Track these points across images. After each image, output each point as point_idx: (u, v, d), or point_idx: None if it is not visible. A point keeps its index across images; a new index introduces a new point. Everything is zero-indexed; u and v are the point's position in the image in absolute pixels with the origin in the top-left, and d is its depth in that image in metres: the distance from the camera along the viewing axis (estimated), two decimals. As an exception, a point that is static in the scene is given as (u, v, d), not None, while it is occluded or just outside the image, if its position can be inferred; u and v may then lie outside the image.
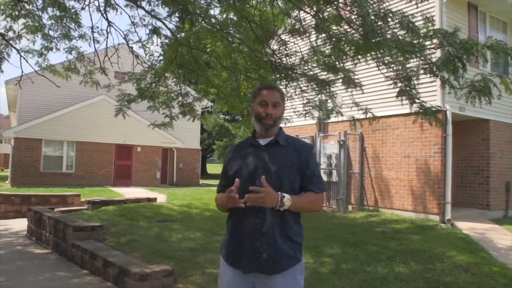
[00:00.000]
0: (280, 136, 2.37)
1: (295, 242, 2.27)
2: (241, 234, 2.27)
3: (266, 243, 2.20)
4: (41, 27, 8.85)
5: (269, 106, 2.33)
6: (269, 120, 2.32)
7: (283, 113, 2.44)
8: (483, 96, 5.52)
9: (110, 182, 21.24)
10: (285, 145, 2.35)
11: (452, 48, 4.97)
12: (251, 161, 2.32)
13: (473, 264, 6.07)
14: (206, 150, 39.66)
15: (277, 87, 2.52)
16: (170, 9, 6.88)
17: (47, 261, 6.62)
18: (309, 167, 2.32)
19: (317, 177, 2.35)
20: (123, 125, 19.37)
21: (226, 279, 2.33)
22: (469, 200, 11.22)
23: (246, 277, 2.25)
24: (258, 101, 2.36)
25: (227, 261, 2.32)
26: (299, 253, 2.28)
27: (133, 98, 9.27)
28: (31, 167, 19.78)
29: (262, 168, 2.27)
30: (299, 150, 2.34)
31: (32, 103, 20.61)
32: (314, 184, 2.32)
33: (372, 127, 11.08)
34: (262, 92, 2.38)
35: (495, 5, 11.12)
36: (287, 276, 2.22)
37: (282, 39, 7.94)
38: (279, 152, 2.32)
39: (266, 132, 2.35)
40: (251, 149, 2.38)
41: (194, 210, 11.21)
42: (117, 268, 5.15)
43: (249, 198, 2.11)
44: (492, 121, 10.92)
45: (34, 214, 8.37)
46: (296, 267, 2.25)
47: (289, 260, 2.22)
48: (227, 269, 2.32)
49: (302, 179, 2.31)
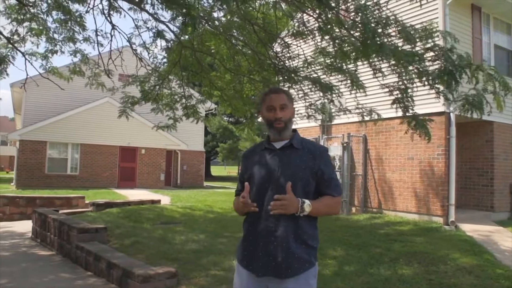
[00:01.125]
0: (294, 139, 2.37)
1: (309, 246, 2.27)
2: (255, 237, 2.28)
3: (279, 246, 2.20)
4: (45, 30, 8.92)
5: (277, 110, 2.34)
6: (279, 123, 2.33)
7: (294, 114, 2.45)
8: (475, 110, 5.67)
9: (114, 184, 21.31)
10: (300, 148, 2.35)
11: (447, 64, 5.07)
12: (265, 164, 2.34)
13: (477, 267, 6.05)
14: (210, 152, 39.72)
15: (283, 89, 2.53)
16: (173, 13, 6.92)
17: (51, 263, 6.65)
18: (326, 171, 2.32)
19: (335, 180, 2.35)
20: (128, 127, 19.48)
21: (240, 281, 2.35)
22: (473, 202, 11.19)
23: (260, 280, 2.25)
24: (266, 106, 2.38)
25: (242, 263, 2.34)
26: (313, 257, 2.28)
27: (137, 100, 9.32)
28: (36, 169, 19.87)
29: (276, 172, 2.28)
30: (314, 153, 2.34)
31: (37, 106, 20.73)
32: (332, 188, 2.33)
33: (376, 129, 11.07)
34: (268, 97, 2.39)
35: (498, 7, 11.09)
36: (300, 280, 2.21)
37: (285, 42, 7.96)
38: (294, 155, 2.32)
39: (279, 136, 2.35)
40: (265, 152, 2.38)
41: (197, 212, 11.24)
42: (120, 270, 5.18)
43: (274, 206, 2.13)
44: (496, 123, 10.89)
45: (39, 216, 8.42)
46: (310, 271, 2.25)
47: (302, 264, 2.22)
48: (242, 272, 2.34)
49: (319, 183, 2.32)
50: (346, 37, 5.72)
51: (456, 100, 5.85)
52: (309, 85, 8.44)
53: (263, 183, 2.29)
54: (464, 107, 5.73)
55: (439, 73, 5.32)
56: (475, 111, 5.74)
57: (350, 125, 11.90)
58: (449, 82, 5.14)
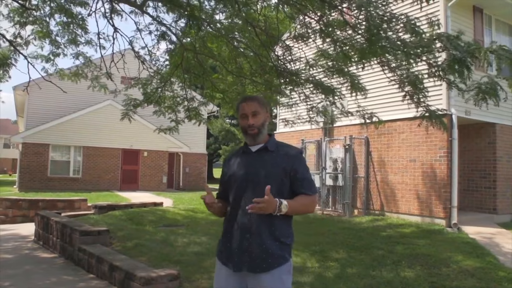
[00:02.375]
0: (269, 143, 2.52)
1: (283, 243, 2.38)
2: (232, 234, 2.43)
3: (254, 242, 2.34)
4: (48, 33, 8.96)
5: (249, 117, 2.48)
6: (251, 130, 2.48)
7: (267, 119, 2.56)
8: (490, 98, 5.51)
9: (116, 186, 21.33)
10: (274, 150, 2.49)
11: (456, 51, 4.98)
12: (243, 166, 2.50)
13: (480, 269, 6.03)
14: (213, 155, 39.70)
15: (255, 96, 2.67)
16: (176, 15, 6.95)
17: (54, 265, 6.66)
18: (298, 171, 2.44)
19: (308, 180, 2.47)
20: (130, 130, 19.54)
21: (219, 277, 2.49)
22: (475, 204, 11.16)
23: (238, 275, 2.38)
24: (240, 115, 2.54)
25: (220, 260, 2.49)
26: (287, 253, 2.40)
27: (139, 103, 9.34)
28: (39, 172, 19.91)
29: (252, 173, 2.44)
30: (288, 155, 2.48)
31: (39, 109, 20.80)
32: (306, 187, 2.44)
33: (378, 131, 11.06)
34: (241, 106, 2.54)
35: (500, 8, 11.08)
36: (274, 275, 2.33)
37: (286, 45, 7.97)
38: (268, 157, 2.47)
39: (254, 141, 2.51)
40: (243, 155, 2.56)
41: (200, 214, 11.24)
42: (123, 272, 5.18)
43: (252, 208, 2.24)
44: (499, 124, 10.87)
45: (42, 218, 8.44)
46: (283, 267, 2.36)
47: (276, 259, 2.34)
48: (221, 268, 2.48)
49: (293, 182, 2.44)
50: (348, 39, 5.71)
51: (469, 90, 5.75)
52: (311, 88, 8.45)
53: (241, 183, 2.44)
54: (478, 96, 5.61)
55: (450, 63, 5.24)
56: (490, 98, 5.60)
57: (352, 127, 11.89)
58: (460, 70, 5.07)
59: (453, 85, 5.95)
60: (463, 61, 4.88)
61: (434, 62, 5.72)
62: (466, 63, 4.91)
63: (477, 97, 5.70)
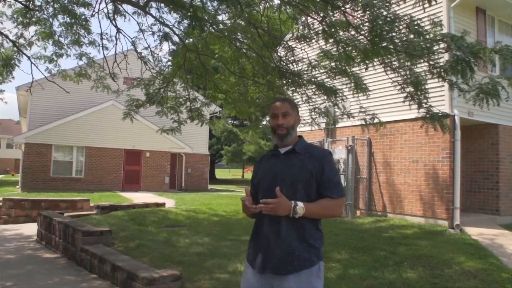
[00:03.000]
0: (297, 145, 2.52)
1: (311, 245, 2.36)
2: (260, 236, 2.44)
3: (281, 245, 2.33)
4: (51, 34, 8.99)
5: (279, 117, 2.49)
6: (281, 130, 2.49)
7: (298, 121, 2.57)
8: (491, 98, 5.50)
9: (119, 187, 21.37)
10: (302, 152, 2.48)
11: (460, 52, 4.97)
12: (271, 169, 2.51)
13: (482, 270, 6.02)
14: (215, 156, 39.73)
15: (287, 98, 2.72)
16: (179, 16, 6.95)
17: (56, 265, 6.68)
18: (324, 173, 2.41)
19: (334, 183, 2.42)
20: (132, 130, 19.56)
21: (246, 278, 2.50)
22: (478, 206, 11.14)
23: (263, 277, 2.38)
24: (270, 115, 2.55)
25: (248, 260, 2.51)
26: (315, 256, 2.36)
27: (141, 103, 9.35)
28: (41, 172, 19.96)
29: (279, 175, 2.44)
30: (315, 157, 2.45)
31: (42, 109, 20.84)
32: (331, 190, 2.40)
33: (380, 132, 11.06)
34: (272, 106, 2.56)
35: (503, 9, 11.07)
36: (301, 278, 2.31)
37: (289, 45, 7.98)
38: (295, 159, 2.46)
39: (281, 142, 2.52)
40: (272, 158, 2.57)
41: (201, 215, 11.25)
42: (125, 273, 5.19)
43: (261, 208, 2.29)
44: (502, 125, 10.85)
45: (44, 218, 8.46)
46: (312, 270, 2.33)
47: (303, 262, 2.32)
48: (248, 269, 2.50)
49: (319, 184, 2.41)
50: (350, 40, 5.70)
51: (470, 90, 5.74)
52: (313, 89, 8.45)
53: (269, 186, 2.42)
54: (478, 96, 5.60)
55: (453, 63, 5.23)
56: (490, 99, 5.59)
57: (355, 128, 11.88)
58: (463, 70, 5.05)
59: (455, 86, 5.94)
60: (467, 61, 4.87)
61: (436, 63, 5.71)
62: (469, 64, 4.89)
63: (478, 98, 5.70)
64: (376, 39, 4.64)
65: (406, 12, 6.26)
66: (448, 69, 5.51)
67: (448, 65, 5.45)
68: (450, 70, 5.38)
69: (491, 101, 5.59)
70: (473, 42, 5.30)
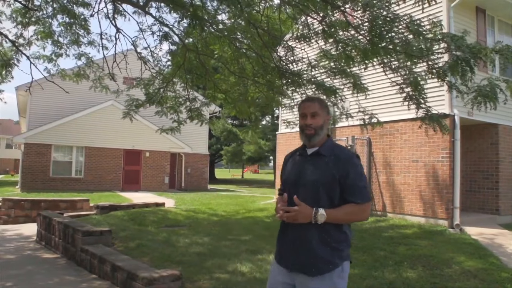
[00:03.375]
0: (323, 146, 2.50)
1: (334, 248, 2.36)
2: (285, 236, 2.49)
3: (304, 247, 2.37)
4: (50, 34, 8.97)
5: (308, 117, 2.49)
6: (309, 130, 2.48)
7: (327, 121, 2.56)
8: (489, 101, 5.49)
9: (118, 187, 21.36)
10: (327, 155, 2.45)
11: (460, 52, 4.96)
12: (296, 169, 2.53)
13: (482, 270, 6.02)
14: (215, 155, 39.71)
15: (317, 98, 2.65)
16: (179, 16, 6.95)
17: (56, 266, 6.67)
18: (349, 177, 2.37)
19: (358, 187, 2.37)
20: (132, 130, 19.57)
21: (273, 274, 2.56)
22: (478, 205, 11.14)
23: (290, 274, 2.44)
24: (300, 114, 2.56)
25: (275, 258, 2.57)
26: (338, 259, 2.37)
27: (141, 103, 9.35)
28: (41, 172, 19.95)
29: (302, 178, 2.45)
30: (339, 159, 2.41)
31: (41, 109, 20.83)
32: (355, 195, 2.36)
33: (380, 132, 11.06)
34: (302, 105, 2.57)
35: (503, 9, 11.07)
36: (325, 279, 2.34)
37: (289, 45, 7.97)
38: (320, 162, 2.44)
39: (309, 142, 2.50)
40: (299, 157, 2.58)
41: (201, 215, 11.25)
42: (125, 273, 5.18)
43: (282, 216, 2.33)
44: (501, 125, 10.86)
45: (44, 219, 8.45)
46: (335, 272, 2.35)
47: (326, 264, 2.34)
48: (275, 265, 2.55)
49: (343, 189, 2.37)
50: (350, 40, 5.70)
51: (469, 92, 5.73)
52: (313, 89, 8.44)
53: (292, 187, 2.45)
54: (476, 99, 5.59)
55: (453, 63, 5.21)
56: (488, 102, 5.58)
57: (355, 128, 11.87)
58: (464, 71, 5.04)
59: (453, 87, 5.93)
60: (467, 61, 4.86)
61: (435, 64, 5.71)
62: (470, 64, 4.88)
63: (475, 100, 5.69)
64: (375, 39, 4.63)
65: (405, 12, 6.27)
66: (447, 70, 5.49)
67: (447, 65, 5.44)
68: (450, 71, 5.37)
69: (488, 104, 5.58)
70: (473, 42, 5.30)
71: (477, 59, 4.97)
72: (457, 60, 4.99)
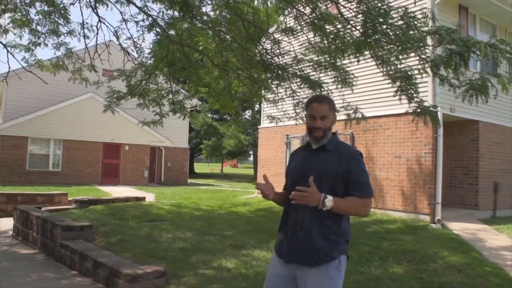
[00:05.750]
0: (329, 142, 2.55)
1: (331, 241, 2.43)
2: (285, 227, 2.56)
3: (304, 238, 2.44)
4: (28, 22, 8.65)
5: (317, 119, 2.52)
6: (317, 132, 2.53)
7: (334, 121, 2.59)
8: (480, 95, 5.54)
9: (97, 181, 20.99)
10: (332, 150, 2.52)
11: (454, 45, 4.97)
12: (301, 162, 2.61)
13: (466, 265, 6.07)
14: (194, 149, 39.45)
15: (326, 98, 2.64)
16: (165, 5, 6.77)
17: (34, 262, 6.46)
18: (352, 173, 2.45)
19: (361, 183, 2.46)
20: (111, 123, 19.22)
21: (272, 266, 2.62)
22: (458, 201, 11.29)
23: (288, 266, 2.51)
24: (308, 114, 2.58)
25: (275, 249, 2.64)
26: (335, 251, 2.43)
27: (122, 95, 9.12)
28: (17, 166, 19.44)
29: (307, 169, 2.50)
30: (343, 156, 2.49)
31: (18, 100, 20.20)
32: (358, 190, 2.44)
33: (363, 127, 11.08)
34: (311, 106, 2.57)
35: (485, 8, 11.21)
36: (321, 271, 2.40)
37: (275, 38, 7.87)
38: (324, 156, 2.52)
39: (316, 143, 2.56)
40: (304, 152, 2.66)
41: (183, 209, 11.11)
42: (108, 269, 5.04)
43: (295, 196, 2.31)
44: (482, 122, 11.01)
45: (21, 213, 8.19)
46: (331, 264, 2.41)
47: (323, 256, 2.40)
48: (275, 257, 2.62)
49: (346, 184, 2.46)
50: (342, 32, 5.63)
51: (461, 86, 5.76)
52: (298, 83, 8.37)
53: (297, 179, 2.51)
54: (468, 92, 5.63)
55: (446, 56, 5.21)
56: (480, 96, 5.63)
57: (338, 123, 11.84)
58: (457, 64, 5.06)
59: (445, 81, 5.94)
60: (461, 55, 4.86)
61: (427, 57, 5.71)
62: (464, 57, 4.90)
63: (467, 94, 5.72)
64: (369, 31, 4.58)
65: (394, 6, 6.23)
66: (439, 63, 5.50)
67: (441, 59, 5.44)
68: (443, 64, 5.37)
69: (480, 98, 5.62)
70: (466, 36, 5.31)
71: (471, 53, 4.98)
72: (451, 53, 5.00)
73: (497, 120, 11.45)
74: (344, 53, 5.88)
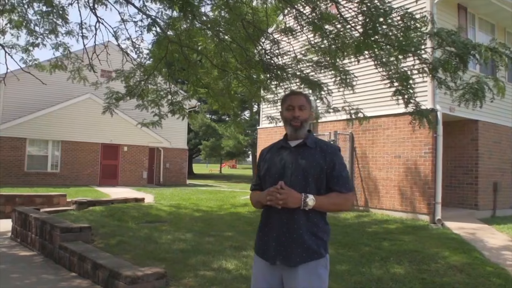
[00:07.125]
0: (309, 139, 2.54)
1: (319, 239, 2.41)
2: (270, 228, 2.46)
3: (291, 237, 2.37)
4: (26, 23, 8.61)
5: (295, 109, 2.52)
6: (296, 122, 2.51)
7: (311, 116, 2.63)
8: (476, 99, 5.52)
9: (96, 182, 20.92)
10: (313, 147, 2.51)
11: (453, 48, 4.94)
12: (280, 161, 2.52)
13: (467, 265, 6.05)
14: (193, 150, 39.38)
15: (302, 92, 2.69)
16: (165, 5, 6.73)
17: (33, 264, 6.42)
18: (335, 168, 2.44)
19: (343, 177, 2.46)
20: (110, 124, 19.17)
21: (257, 270, 2.55)
22: (457, 200, 11.28)
23: (274, 268, 2.44)
24: (286, 106, 2.58)
25: (258, 253, 2.54)
26: (323, 249, 2.42)
27: (121, 96, 9.08)
28: (15, 167, 19.36)
29: (289, 168, 2.45)
30: (326, 152, 2.48)
31: (16, 101, 20.11)
32: (340, 185, 2.43)
33: (363, 127, 11.06)
34: (288, 98, 2.60)
35: (483, 8, 11.21)
36: (309, 269, 2.36)
37: (274, 38, 7.84)
38: (307, 153, 2.48)
39: (295, 133, 2.53)
40: (281, 150, 2.58)
41: (183, 210, 11.07)
42: (107, 271, 5.00)
43: (270, 199, 2.33)
44: (481, 121, 11.00)
45: (19, 215, 8.14)
46: (319, 262, 2.39)
47: (311, 254, 2.37)
48: (259, 261, 2.53)
49: (328, 179, 2.44)
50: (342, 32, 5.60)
51: (458, 89, 5.73)
52: (297, 83, 8.34)
53: (278, 178, 2.42)
54: (464, 96, 5.60)
55: (444, 60, 5.19)
56: (476, 100, 5.59)
57: (337, 123, 11.87)
58: (456, 67, 5.03)
59: (443, 83, 5.92)
60: (461, 57, 4.84)
61: (426, 60, 5.68)
62: (463, 60, 4.87)
63: (463, 98, 5.70)
64: (370, 31, 4.55)
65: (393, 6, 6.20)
66: (438, 66, 5.48)
67: (439, 61, 5.41)
68: (441, 67, 5.34)
69: (476, 102, 5.60)
70: (466, 39, 5.29)
71: (470, 55, 4.96)
72: (450, 56, 4.97)
73: (496, 119, 11.44)
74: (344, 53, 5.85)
